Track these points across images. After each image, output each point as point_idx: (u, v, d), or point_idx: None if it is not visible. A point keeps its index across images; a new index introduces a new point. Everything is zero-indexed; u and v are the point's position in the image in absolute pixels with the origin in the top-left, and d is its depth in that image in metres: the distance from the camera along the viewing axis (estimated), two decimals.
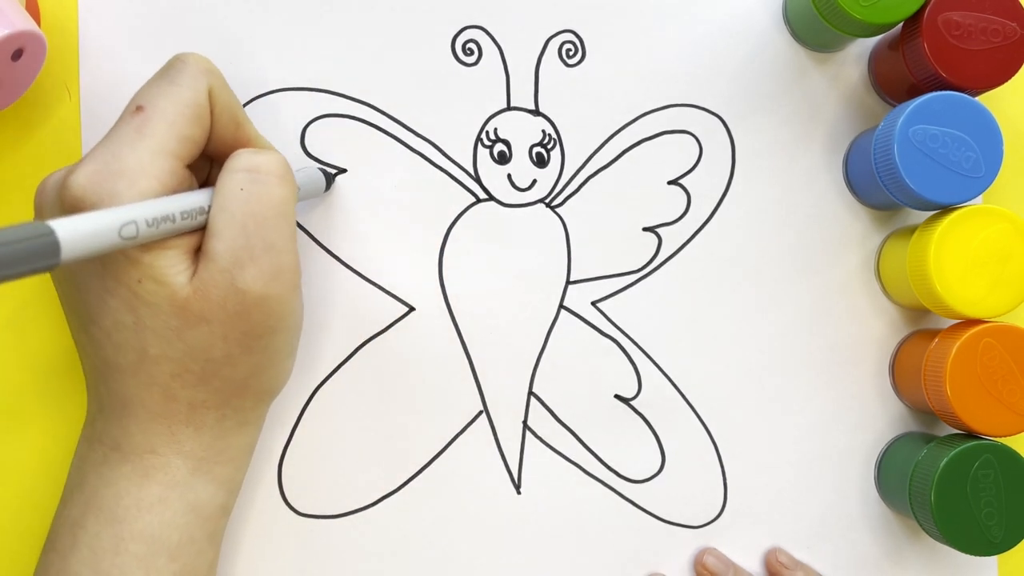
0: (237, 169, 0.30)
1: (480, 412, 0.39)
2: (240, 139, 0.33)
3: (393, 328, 0.38)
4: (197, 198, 0.30)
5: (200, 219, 0.30)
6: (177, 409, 0.31)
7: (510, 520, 0.39)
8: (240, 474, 0.33)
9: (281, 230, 0.30)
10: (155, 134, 0.29)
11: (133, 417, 0.31)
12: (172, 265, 0.29)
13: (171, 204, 0.29)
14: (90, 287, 0.30)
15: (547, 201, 0.39)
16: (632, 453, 0.39)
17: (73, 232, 0.25)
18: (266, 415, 0.34)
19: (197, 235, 0.30)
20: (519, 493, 0.39)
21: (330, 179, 0.38)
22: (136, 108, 0.30)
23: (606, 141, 0.40)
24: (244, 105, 0.38)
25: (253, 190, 0.30)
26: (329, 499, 0.38)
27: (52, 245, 0.24)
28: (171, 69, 0.31)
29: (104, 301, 0.30)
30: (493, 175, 0.39)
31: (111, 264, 0.29)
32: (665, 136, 0.40)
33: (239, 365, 0.31)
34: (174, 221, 0.29)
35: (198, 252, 0.30)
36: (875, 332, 0.41)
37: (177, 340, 0.30)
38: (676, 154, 0.40)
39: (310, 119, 0.38)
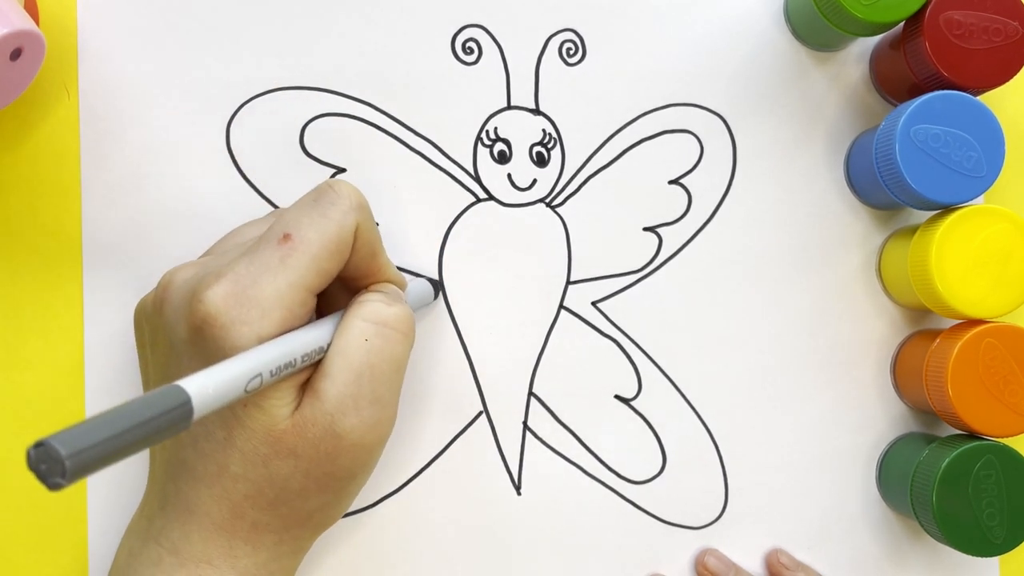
0: (366, 319, 0.31)
1: (480, 412, 0.39)
2: (372, 269, 0.33)
3: None
4: (318, 337, 0.30)
5: (317, 357, 0.30)
6: (241, 526, 0.31)
7: (510, 520, 0.39)
8: None
9: (393, 386, 0.31)
10: (298, 267, 0.29)
11: (196, 524, 0.31)
12: (280, 398, 0.29)
13: (295, 348, 0.29)
14: None
15: (547, 201, 0.39)
16: (632, 453, 0.39)
17: (204, 398, 0.25)
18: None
19: (308, 369, 0.30)
20: (519, 493, 0.39)
21: (438, 288, 0.38)
22: (284, 236, 0.30)
23: (607, 140, 0.40)
24: (243, 105, 0.38)
25: (376, 344, 0.30)
26: None
27: (187, 414, 0.24)
28: (323, 197, 0.31)
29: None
30: (493, 175, 0.39)
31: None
32: (666, 135, 0.40)
33: (311, 499, 0.31)
34: (295, 366, 0.29)
35: (305, 385, 0.30)
36: (876, 332, 0.40)
37: (262, 466, 0.30)
38: (677, 154, 0.40)
39: (310, 119, 0.38)
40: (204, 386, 0.25)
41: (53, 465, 0.20)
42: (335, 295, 0.33)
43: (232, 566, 0.31)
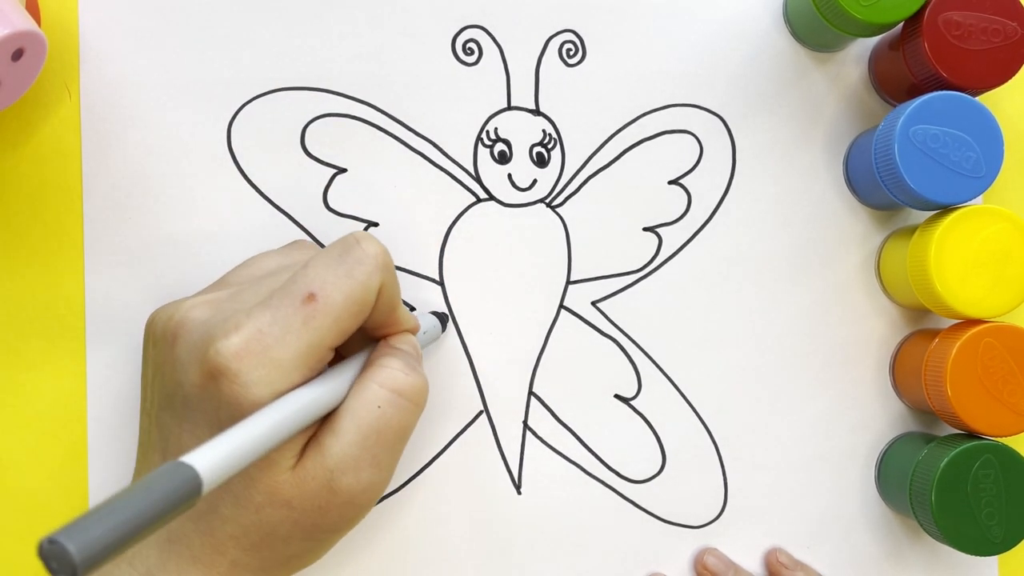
0: (383, 385, 0.30)
1: (480, 412, 0.39)
2: (390, 321, 0.32)
3: None
4: (331, 397, 0.30)
5: (327, 411, 0.30)
6: (220, 562, 0.30)
7: (510, 520, 0.39)
8: None
9: (395, 454, 0.31)
10: (320, 329, 0.29)
11: (175, 553, 0.30)
12: (285, 451, 0.29)
13: (308, 411, 0.29)
14: (194, 432, 0.30)
15: (547, 201, 0.39)
16: (632, 453, 0.39)
17: (214, 475, 0.25)
18: None
19: (316, 423, 0.30)
20: (519, 493, 0.39)
21: (445, 321, 0.38)
22: (309, 295, 0.29)
23: (607, 141, 0.40)
24: (244, 105, 0.38)
25: (388, 412, 0.30)
26: None
27: (195, 491, 0.24)
28: (350, 255, 0.30)
29: None
30: (493, 175, 0.39)
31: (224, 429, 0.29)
32: (665, 136, 0.40)
33: (293, 545, 0.31)
34: (305, 426, 0.29)
35: (311, 437, 0.30)
36: (875, 332, 0.41)
37: (253, 512, 0.30)
38: (676, 154, 0.40)
39: (310, 119, 0.38)
40: (214, 463, 0.25)
41: (63, 564, 0.20)
42: (350, 339, 0.33)
43: None
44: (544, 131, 0.39)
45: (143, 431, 0.33)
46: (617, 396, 0.40)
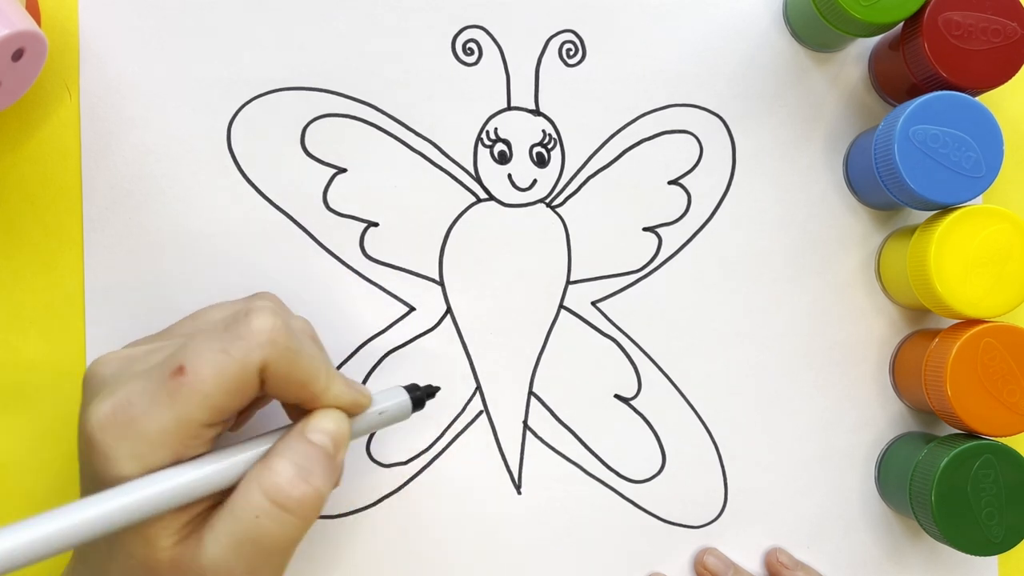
0: (265, 492, 0.28)
1: (480, 412, 0.39)
2: (307, 398, 0.30)
3: (393, 328, 0.38)
4: (216, 478, 0.28)
5: (211, 494, 0.29)
6: None
7: (510, 520, 0.39)
8: None
9: (276, 567, 0.29)
10: (188, 403, 0.28)
11: None
12: (164, 528, 0.28)
13: (174, 493, 0.28)
14: (84, 487, 0.30)
15: (547, 201, 0.39)
16: (632, 453, 0.39)
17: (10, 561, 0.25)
18: None
19: (206, 501, 0.29)
20: (519, 493, 0.39)
21: (419, 403, 0.34)
22: (178, 368, 0.28)
23: (606, 141, 0.40)
24: (244, 105, 0.38)
25: (267, 524, 0.28)
26: (329, 499, 0.38)
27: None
28: (231, 330, 0.29)
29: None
30: (493, 175, 0.39)
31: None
32: (665, 136, 0.40)
33: None
34: (185, 501, 0.28)
35: (198, 516, 0.29)
36: (875, 332, 0.41)
37: None
38: (676, 154, 0.40)
39: (310, 119, 0.38)
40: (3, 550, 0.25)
41: None
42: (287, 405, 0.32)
43: None
44: (544, 131, 0.39)
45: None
46: (617, 396, 0.40)
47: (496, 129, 0.39)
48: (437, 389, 0.35)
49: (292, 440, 0.30)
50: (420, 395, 0.34)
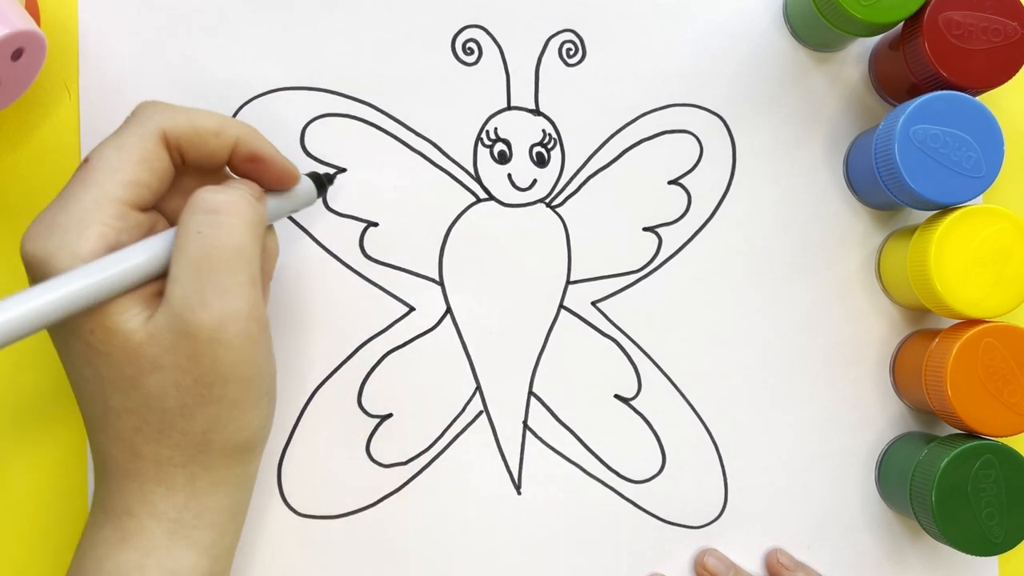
0: (196, 210, 0.29)
1: (480, 412, 0.39)
2: (217, 149, 0.32)
3: (393, 328, 0.38)
4: (156, 254, 0.29)
5: (163, 265, 0.29)
6: (144, 467, 0.30)
7: (510, 520, 0.39)
8: (227, 539, 0.32)
9: (236, 274, 0.29)
10: (98, 182, 0.29)
11: (110, 475, 0.30)
12: (123, 312, 0.29)
13: (121, 270, 0.28)
14: (56, 341, 0.30)
15: (547, 201, 0.39)
16: (632, 453, 0.39)
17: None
18: (250, 476, 0.33)
19: (159, 280, 0.30)
20: (519, 493, 0.39)
21: (323, 186, 0.36)
22: (84, 161, 0.30)
23: (606, 141, 0.40)
24: (244, 105, 0.38)
25: (209, 233, 0.29)
26: (329, 499, 0.38)
27: None
28: (123, 122, 0.31)
29: (67, 355, 0.30)
30: (493, 175, 0.39)
31: (66, 319, 0.28)
32: (665, 136, 0.40)
33: (195, 417, 0.30)
34: (129, 286, 0.29)
35: (158, 295, 0.30)
36: (876, 332, 0.41)
37: (133, 390, 0.29)
38: (676, 154, 0.40)
39: (310, 119, 0.38)
40: None
41: None
42: None
43: (150, 513, 0.30)
44: (544, 131, 0.39)
45: None
46: (617, 396, 0.40)
47: (496, 129, 0.39)
48: (335, 174, 0.37)
49: (197, 190, 0.31)
50: (321, 178, 0.36)
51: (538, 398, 0.39)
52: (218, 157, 0.32)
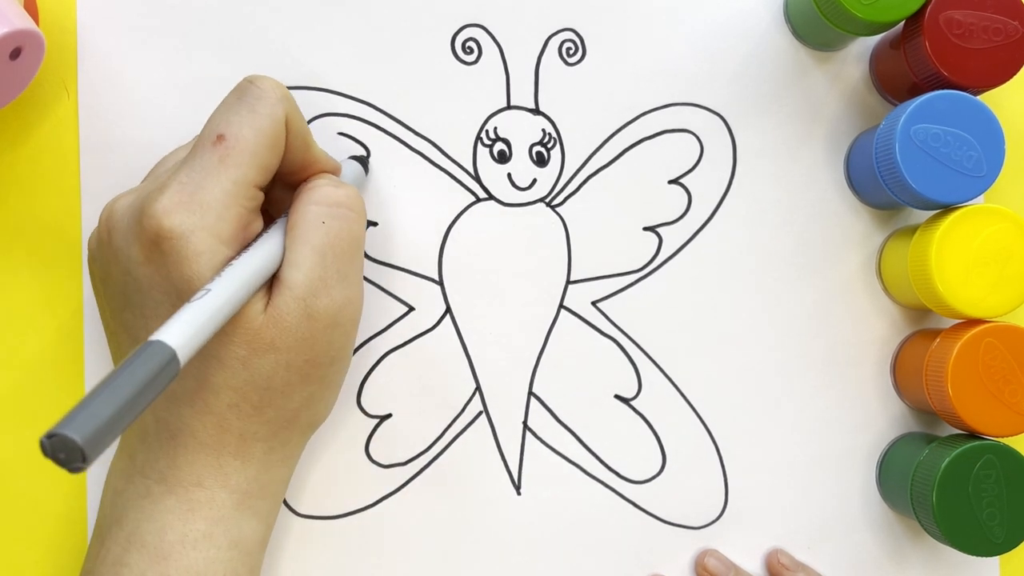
0: (320, 202, 0.31)
1: (480, 412, 0.39)
2: (308, 161, 0.33)
3: (393, 328, 0.38)
4: (276, 246, 0.30)
5: (282, 252, 0.31)
6: (228, 440, 0.30)
7: (510, 520, 0.39)
8: (277, 507, 0.33)
9: (356, 263, 0.32)
10: (239, 164, 0.30)
11: (182, 447, 0.30)
12: (251, 300, 0.30)
13: (262, 263, 0.29)
14: (157, 313, 0.30)
15: (547, 200, 0.39)
16: (632, 453, 0.39)
17: (188, 348, 0.25)
18: (302, 450, 0.34)
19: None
20: (519, 493, 0.39)
21: (365, 165, 0.38)
22: (218, 137, 0.30)
23: (606, 140, 0.40)
24: None
25: (334, 225, 0.31)
26: (329, 499, 0.38)
27: (175, 368, 0.25)
28: (247, 95, 0.31)
29: None
30: (493, 174, 0.39)
31: (184, 296, 0.29)
32: (666, 135, 0.40)
33: (295, 395, 0.31)
34: (261, 283, 0.30)
35: (272, 279, 0.31)
36: (876, 332, 0.40)
37: (242, 369, 0.30)
38: (677, 153, 0.40)
39: (310, 119, 0.38)
40: (183, 331, 0.25)
41: (71, 453, 0.21)
42: (277, 199, 0.34)
43: (223, 484, 0.30)
44: (544, 130, 0.39)
45: (112, 345, 0.33)
46: (617, 396, 0.39)
47: (496, 128, 0.39)
48: (365, 158, 0.38)
49: (316, 178, 0.32)
50: (363, 160, 0.38)
51: (538, 398, 0.39)
52: (293, 167, 0.32)
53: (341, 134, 0.38)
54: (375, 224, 0.38)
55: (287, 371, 0.30)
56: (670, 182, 0.40)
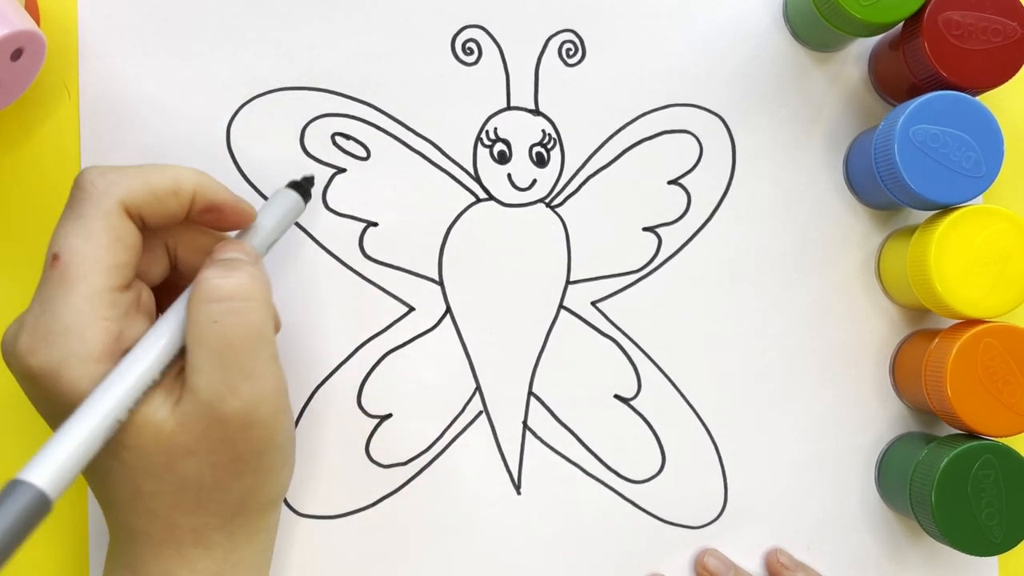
0: (208, 300, 0.29)
1: (480, 412, 0.39)
2: (214, 205, 0.31)
3: (393, 328, 0.38)
4: (169, 342, 0.29)
5: (177, 348, 0.29)
6: (182, 535, 0.30)
7: (510, 520, 0.39)
8: (262, 573, 0.33)
9: (260, 356, 0.29)
10: (82, 279, 0.28)
11: (141, 545, 0.30)
12: (151, 403, 0.29)
13: (148, 369, 0.28)
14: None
15: (547, 201, 0.39)
16: (632, 453, 0.39)
17: (58, 483, 0.25)
18: (278, 519, 0.34)
19: (175, 361, 0.30)
20: (519, 493, 0.39)
21: (306, 192, 0.35)
22: (53, 258, 0.28)
23: (606, 141, 0.40)
24: (244, 105, 0.38)
25: (228, 321, 0.28)
26: (329, 499, 0.38)
27: (46, 505, 0.24)
28: (72, 200, 0.29)
29: None
30: (493, 175, 0.39)
31: None
32: (665, 136, 0.40)
33: (232, 488, 0.30)
34: (155, 382, 0.29)
35: (177, 378, 0.29)
36: (875, 332, 0.40)
37: (167, 474, 0.29)
38: (676, 154, 0.40)
39: (310, 119, 0.38)
40: (49, 473, 0.25)
41: None
42: (192, 256, 0.33)
43: (191, 571, 0.30)
44: (544, 131, 0.39)
45: None
46: (617, 396, 0.40)
47: (496, 129, 0.39)
48: (312, 176, 0.36)
49: (204, 270, 0.30)
50: (302, 184, 0.35)
51: (538, 398, 0.39)
52: (178, 216, 0.31)
53: (341, 134, 0.38)
54: (375, 224, 0.38)
55: (214, 470, 0.29)
56: (669, 182, 0.40)
